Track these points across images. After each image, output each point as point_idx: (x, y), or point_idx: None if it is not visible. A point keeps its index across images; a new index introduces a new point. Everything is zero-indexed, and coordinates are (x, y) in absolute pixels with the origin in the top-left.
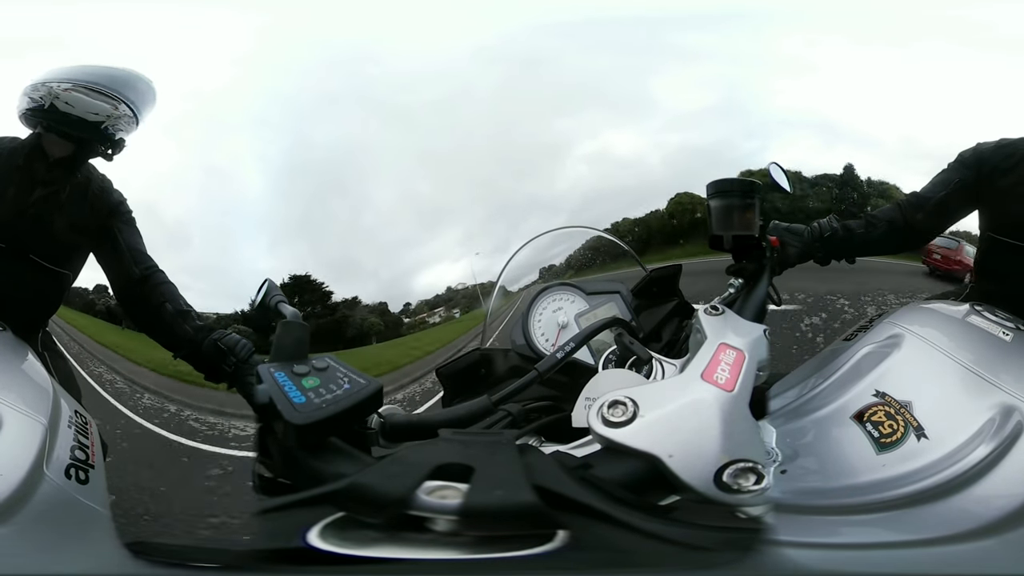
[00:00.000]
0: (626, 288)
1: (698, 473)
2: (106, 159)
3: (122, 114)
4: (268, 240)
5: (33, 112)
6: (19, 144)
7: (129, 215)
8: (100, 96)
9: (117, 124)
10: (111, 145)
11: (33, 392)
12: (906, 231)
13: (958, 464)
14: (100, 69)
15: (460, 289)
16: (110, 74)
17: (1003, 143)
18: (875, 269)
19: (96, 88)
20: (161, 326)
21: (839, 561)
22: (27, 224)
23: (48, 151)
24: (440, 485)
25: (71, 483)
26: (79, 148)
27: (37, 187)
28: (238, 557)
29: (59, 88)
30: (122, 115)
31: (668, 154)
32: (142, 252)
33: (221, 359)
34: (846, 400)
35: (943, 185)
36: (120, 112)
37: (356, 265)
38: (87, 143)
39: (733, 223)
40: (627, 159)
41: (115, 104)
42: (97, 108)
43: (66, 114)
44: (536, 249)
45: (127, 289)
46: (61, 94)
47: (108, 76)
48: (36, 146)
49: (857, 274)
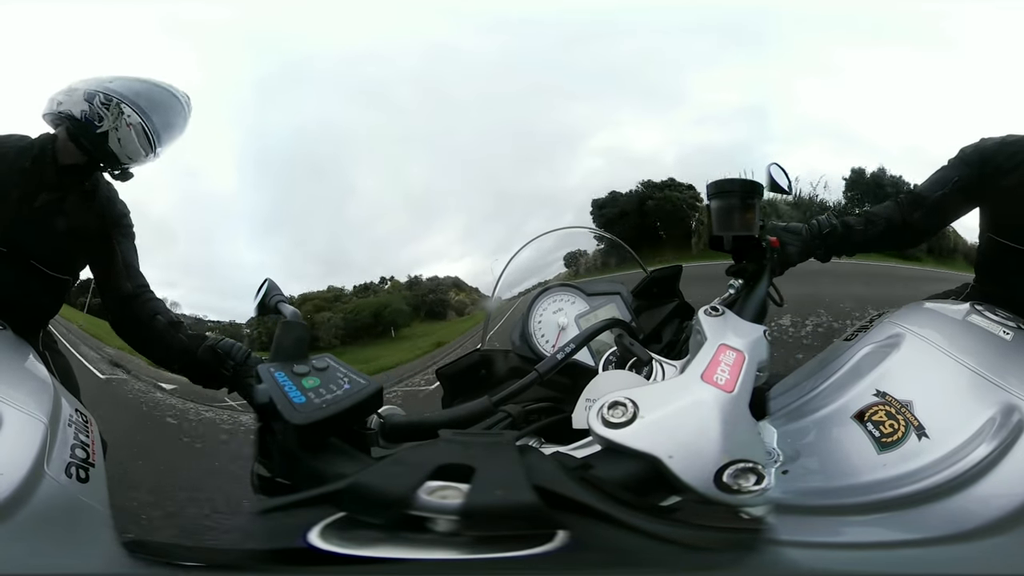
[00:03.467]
0: (626, 289)
1: (698, 473)
2: (114, 178)
3: (149, 159)
4: (253, 237)
5: (76, 124)
6: (27, 144)
7: (130, 229)
8: (147, 143)
9: (140, 162)
10: (122, 175)
11: (33, 391)
12: (904, 229)
13: (959, 463)
14: (163, 102)
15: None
16: (167, 116)
17: (1008, 140)
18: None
19: (150, 131)
20: (154, 339)
21: (840, 561)
22: (30, 229)
23: (60, 156)
24: (441, 485)
25: (72, 482)
26: (91, 162)
27: (43, 192)
28: (238, 557)
29: (124, 121)
30: (148, 159)
31: (686, 153)
32: (136, 269)
33: (219, 364)
34: (847, 400)
35: (941, 184)
36: (148, 158)
37: (353, 263)
38: (103, 163)
39: (733, 224)
40: (641, 155)
41: (149, 153)
42: (136, 153)
43: (109, 147)
44: (538, 250)
45: (118, 303)
46: (122, 127)
47: (165, 118)
48: (47, 149)
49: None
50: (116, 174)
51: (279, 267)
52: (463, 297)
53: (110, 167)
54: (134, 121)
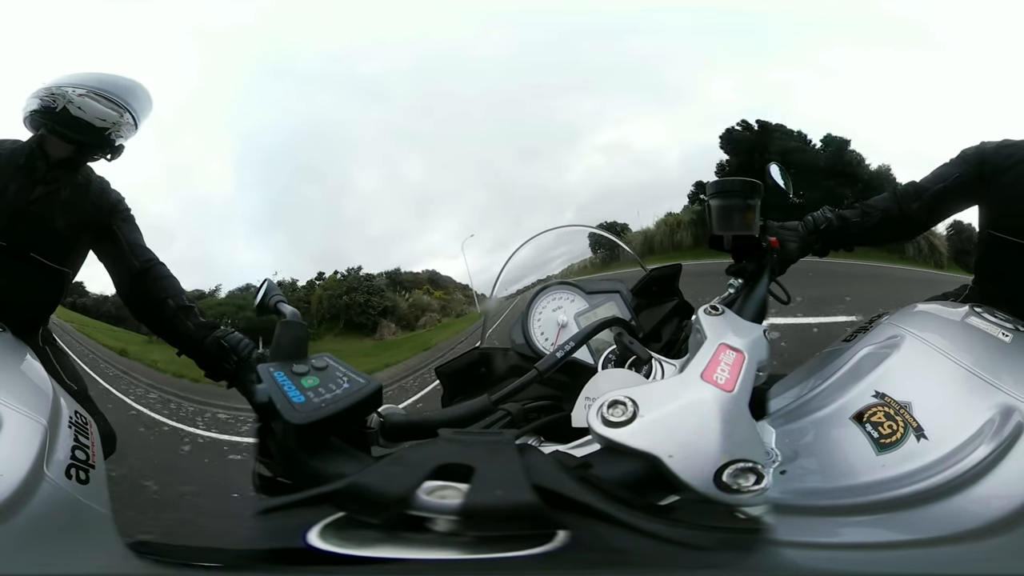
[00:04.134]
0: (626, 287)
1: (698, 473)
2: (107, 161)
3: (125, 122)
4: (248, 234)
5: (41, 114)
6: (20, 145)
7: (127, 212)
8: (109, 104)
9: (120, 131)
10: (111, 150)
11: (33, 392)
12: (901, 220)
13: (958, 465)
14: (108, 77)
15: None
16: (117, 82)
17: (1006, 144)
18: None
19: (107, 95)
20: (163, 322)
21: (839, 561)
22: (28, 222)
23: (50, 152)
24: (440, 485)
25: (72, 483)
26: (80, 150)
27: (38, 186)
28: (238, 557)
29: (73, 93)
30: (125, 123)
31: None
32: (141, 246)
33: (223, 357)
34: (846, 401)
35: (942, 178)
36: (124, 120)
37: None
38: (89, 147)
39: (733, 223)
40: (643, 153)
41: (121, 112)
42: (105, 115)
43: (76, 118)
44: (537, 248)
45: (128, 284)
46: (75, 99)
47: (116, 84)
48: (38, 147)
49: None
50: (108, 155)
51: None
52: (437, 298)
53: (94, 145)
54: (82, 91)
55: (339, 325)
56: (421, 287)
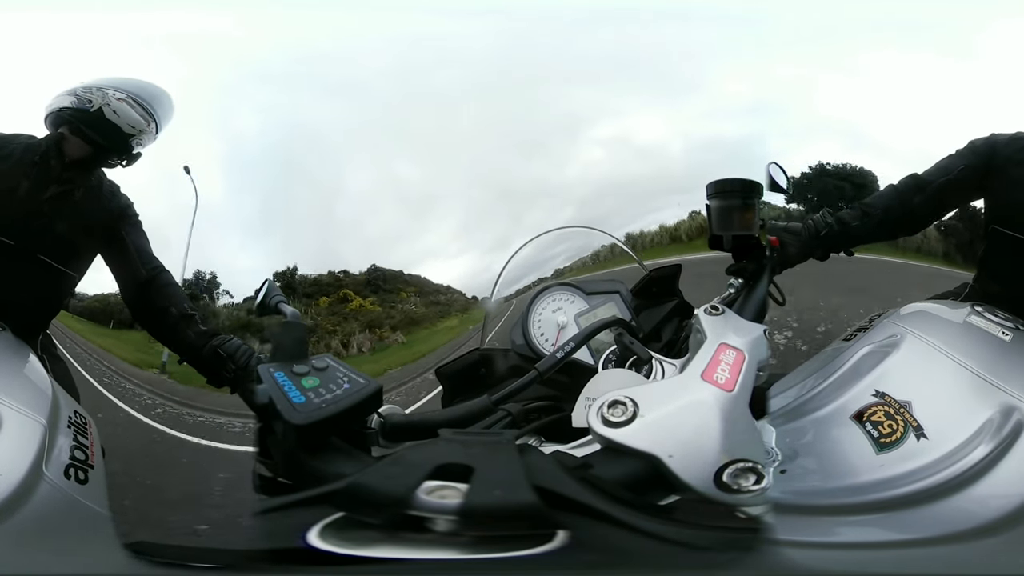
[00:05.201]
0: (626, 288)
1: (698, 473)
2: (123, 167)
3: (150, 131)
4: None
5: (72, 112)
6: (36, 142)
7: (136, 218)
8: (143, 111)
9: (142, 139)
10: (128, 158)
11: (32, 392)
12: (902, 215)
13: (958, 464)
14: (146, 84)
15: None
16: (152, 91)
17: (1018, 136)
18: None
19: (142, 103)
20: (165, 330)
21: (839, 561)
22: (39, 221)
23: (67, 152)
24: (440, 485)
25: (70, 483)
26: (99, 153)
27: (51, 185)
28: (238, 557)
29: (113, 96)
30: (149, 132)
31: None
32: (148, 253)
33: (221, 366)
34: (846, 400)
35: (946, 170)
36: (149, 129)
37: (347, 261)
38: (110, 151)
39: (733, 223)
40: (646, 146)
41: (148, 121)
42: (136, 122)
43: (108, 121)
44: (537, 248)
45: (134, 290)
46: (113, 102)
47: (151, 93)
48: (55, 145)
49: None
50: (124, 162)
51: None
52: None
53: (116, 150)
54: (122, 96)
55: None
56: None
